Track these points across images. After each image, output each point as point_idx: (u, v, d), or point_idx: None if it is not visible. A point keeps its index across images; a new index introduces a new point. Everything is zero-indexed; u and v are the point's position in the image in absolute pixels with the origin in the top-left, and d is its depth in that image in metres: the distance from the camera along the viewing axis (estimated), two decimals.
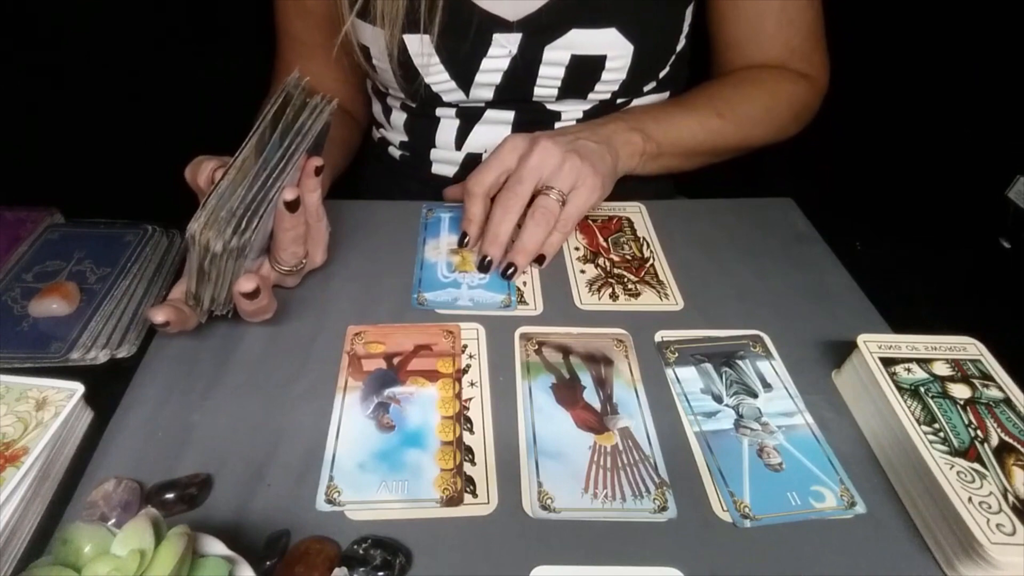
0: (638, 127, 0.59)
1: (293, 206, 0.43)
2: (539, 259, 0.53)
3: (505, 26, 0.57)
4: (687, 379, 0.45)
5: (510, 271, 0.52)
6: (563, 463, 0.39)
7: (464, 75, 0.60)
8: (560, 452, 0.40)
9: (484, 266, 0.52)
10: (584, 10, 0.56)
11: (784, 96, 0.65)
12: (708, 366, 0.46)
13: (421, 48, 0.58)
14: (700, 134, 0.61)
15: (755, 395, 0.44)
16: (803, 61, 0.66)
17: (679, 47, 0.62)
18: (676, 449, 0.41)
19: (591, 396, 0.44)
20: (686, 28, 0.62)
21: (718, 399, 0.44)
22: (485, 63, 0.59)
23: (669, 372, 0.46)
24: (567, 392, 0.44)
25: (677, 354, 0.47)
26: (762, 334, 0.48)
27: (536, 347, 0.47)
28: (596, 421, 0.42)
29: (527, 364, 0.45)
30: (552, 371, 0.45)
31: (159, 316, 0.41)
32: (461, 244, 0.54)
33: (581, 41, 0.57)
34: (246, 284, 0.41)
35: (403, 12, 0.55)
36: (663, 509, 0.37)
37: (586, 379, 0.45)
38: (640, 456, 0.40)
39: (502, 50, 0.58)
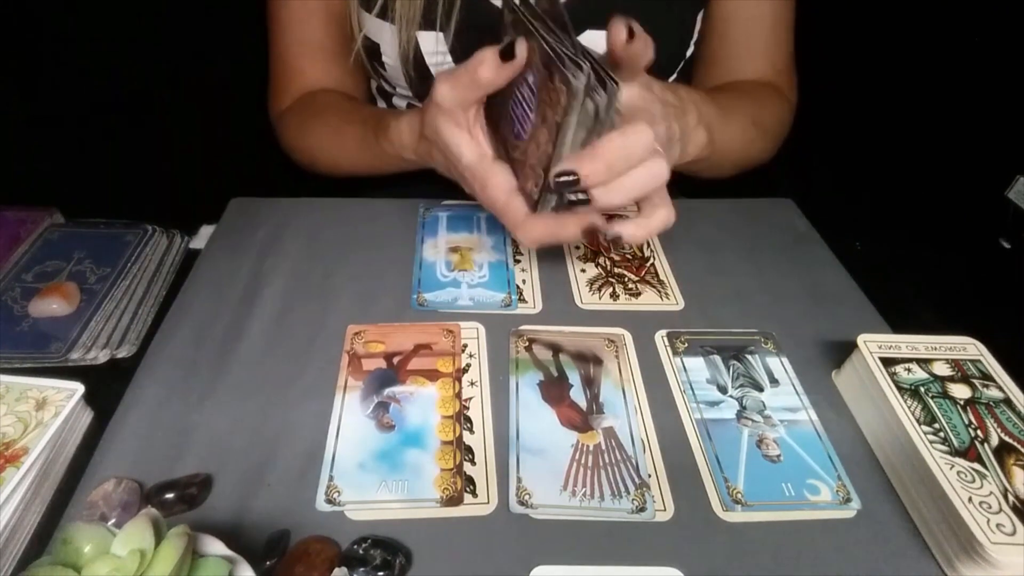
0: (706, 124, 0.51)
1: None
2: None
3: None
4: (694, 368, 0.46)
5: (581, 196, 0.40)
6: (544, 460, 0.39)
7: None
8: (542, 449, 0.40)
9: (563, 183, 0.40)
10: (598, 12, 0.56)
11: (779, 113, 0.64)
12: (716, 358, 0.46)
13: (436, 47, 0.57)
14: (741, 142, 0.58)
15: (761, 389, 0.44)
16: (785, 82, 0.66)
17: (688, 53, 0.62)
18: (675, 449, 0.41)
19: (578, 395, 0.44)
20: (696, 35, 0.61)
21: (723, 390, 0.44)
22: None
23: (677, 361, 0.46)
24: (554, 390, 0.44)
25: (687, 344, 0.47)
26: (774, 332, 0.48)
27: (527, 344, 0.47)
28: (581, 420, 0.42)
29: (516, 360, 0.45)
30: (541, 368, 0.45)
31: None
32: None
33: (594, 43, 0.57)
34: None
35: (420, 10, 0.55)
36: (641, 510, 0.37)
37: (574, 378, 0.45)
38: (622, 456, 0.40)
39: None
